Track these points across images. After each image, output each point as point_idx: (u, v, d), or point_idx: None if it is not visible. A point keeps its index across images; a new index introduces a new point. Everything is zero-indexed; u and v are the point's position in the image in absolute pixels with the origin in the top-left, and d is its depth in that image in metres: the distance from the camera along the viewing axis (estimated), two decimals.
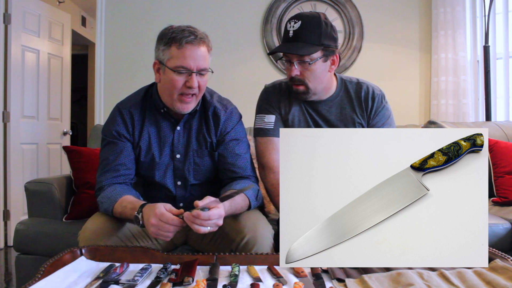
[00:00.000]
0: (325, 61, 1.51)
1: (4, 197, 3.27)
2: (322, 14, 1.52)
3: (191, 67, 1.32)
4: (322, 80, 1.53)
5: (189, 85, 1.34)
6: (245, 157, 1.49)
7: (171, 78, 1.34)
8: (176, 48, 1.31)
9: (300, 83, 1.52)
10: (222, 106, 1.49)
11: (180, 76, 1.33)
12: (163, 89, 1.40)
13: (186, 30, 1.32)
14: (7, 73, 3.26)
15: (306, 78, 1.51)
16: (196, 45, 1.32)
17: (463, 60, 3.06)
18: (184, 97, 1.36)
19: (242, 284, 0.96)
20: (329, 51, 1.49)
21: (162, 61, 1.35)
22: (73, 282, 0.97)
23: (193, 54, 1.31)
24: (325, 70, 1.52)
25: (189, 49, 1.31)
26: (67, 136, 4.00)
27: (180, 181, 1.48)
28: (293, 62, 1.49)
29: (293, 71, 1.49)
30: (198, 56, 1.33)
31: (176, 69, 1.32)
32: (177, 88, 1.34)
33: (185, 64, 1.31)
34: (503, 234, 1.79)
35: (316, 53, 1.47)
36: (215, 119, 1.47)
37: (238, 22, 3.27)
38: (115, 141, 1.44)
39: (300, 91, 1.54)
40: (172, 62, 1.32)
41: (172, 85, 1.34)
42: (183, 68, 1.32)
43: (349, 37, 3.22)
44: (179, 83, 1.34)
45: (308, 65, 1.47)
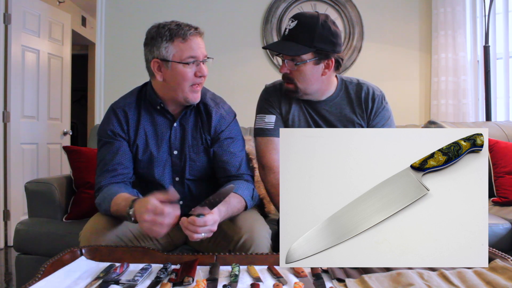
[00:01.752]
0: (317, 64, 1.49)
1: (4, 197, 3.27)
2: (323, 15, 1.49)
3: (198, 57, 1.38)
4: (313, 82, 1.52)
5: (200, 74, 1.39)
6: (240, 155, 1.50)
7: (181, 71, 1.37)
8: (181, 42, 1.36)
9: (289, 81, 1.53)
10: (214, 103, 1.50)
11: (189, 68, 1.37)
12: (171, 84, 1.40)
13: (181, 24, 1.38)
14: (7, 73, 3.27)
15: (295, 78, 1.51)
16: (197, 36, 1.39)
17: (463, 60, 3.06)
18: (195, 86, 1.41)
19: (242, 284, 0.96)
20: (323, 55, 1.48)
21: (166, 58, 1.36)
22: (73, 282, 0.97)
23: (198, 44, 1.38)
24: (316, 72, 1.50)
25: (194, 41, 1.37)
26: (67, 136, 4.00)
27: (178, 177, 1.49)
28: (284, 60, 1.50)
29: (282, 68, 1.52)
30: (201, 45, 1.39)
31: (186, 61, 1.36)
32: (189, 79, 1.38)
33: (193, 54, 1.37)
34: (503, 234, 1.79)
35: (307, 55, 1.46)
36: (207, 116, 1.48)
37: (238, 22, 3.28)
38: (111, 141, 1.44)
39: (289, 89, 1.55)
40: (180, 55, 1.36)
41: (183, 77, 1.37)
42: (192, 58, 1.36)
43: (349, 37, 3.22)
44: (190, 74, 1.38)
45: (295, 65, 1.47)
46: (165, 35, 1.35)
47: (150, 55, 1.39)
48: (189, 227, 1.13)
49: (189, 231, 1.14)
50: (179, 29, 1.35)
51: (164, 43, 1.35)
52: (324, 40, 1.46)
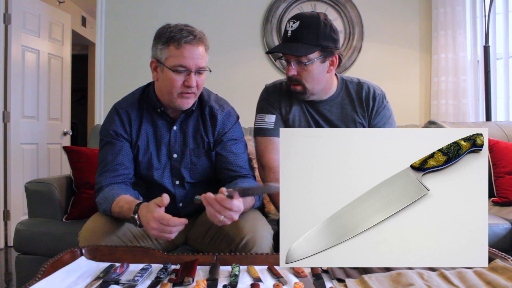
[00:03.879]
0: (323, 62, 1.50)
1: (4, 197, 3.28)
2: (322, 14, 1.51)
3: (189, 67, 1.33)
4: (320, 80, 1.53)
5: (187, 84, 1.34)
6: (244, 156, 1.49)
7: (170, 77, 1.34)
8: (175, 47, 1.32)
9: (297, 83, 1.53)
10: (219, 106, 1.49)
11: (178, 76, 1.34)
12: (162, 87, 1.39)
13: (184, 29, 1.32)
14: (7, 73, 3.27)
15: (303, 78, 1.51)
16: (194, 45, 1.33)
17: (463, 60, 3.06)
18: (184, 94, 1.37)
19: (242, 284, 0.96)
20: (328, 52, 1.49)
21: (160, 60, 1.35)
22: (73, 282, 0.97)
23: (191, 54, 1.32)
24: (323, 71, 1.51)
25: (188, 49, 1.31)
26: (67, 136, 4.00)
27: (178, 180, 1.48)
28: (290, 62, 1.49)
29: (290, 71, 1.50)
30: (197, 55, 1.33)
31: (174, 69, 1.33)
32: (176, 87, 1.35)
33: (184, 63, 1.32)
34: (503, 234, 1.79)
35: (313, 54, 1.47)
36: (212, 119, 1.47)
37: (238, 22, 3.27)
38: (113, 141, 1.44)
39: (297, 90, 1.54)
40: (171, 61, 1.33)
41: (171, 84, 1.35)
42: (181, 67, 1.32)
43: (349, 37, 3.22)
44: (178, 82, 1.34)
45: (304, 65, 1.47)
46: (164, 37, 1.33)
47: (152, 53, 1.39)
48: (215, 205, 1.09)
49: (212, 208, 1.10)
50: (178, 34, 1.31)
51: (160, 44, 1.34)
52: (327, 37, 1.47)
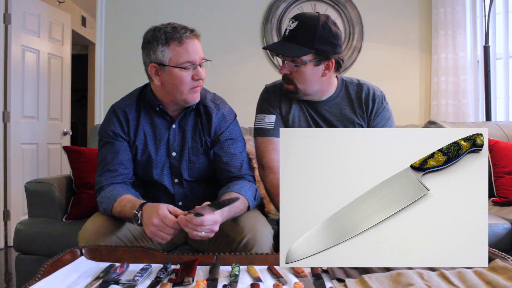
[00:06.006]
0: (317, 65, 1.48)
1: (4, 197, 3.27)
2: (324, 16, 1.49)
3: (195, 61, 1.36)
4: (313, 83, 1.52)
5: (197, 77, 1.38)
6: (241, 156, 1.49)
7: (178, 75, 1.36)
8: (177, 46, 1.33)
9: (289, 82, 1.53)
10: (214, 105, 1.50)
11: (186, 72, 1.36)
12: (170, 88, 1.39)
13: (177, 27, 1.35)
14: (7, 73, 3.27)
15: (295, 79, 1.51)
16: (194, 39, 1.37)
17: (463, 60, 3.06)
18: (194, 88, 1.40)
19: (242, 284, 0.96)
20: (323, 56, 1.47)
21: (162, 62, 1.35)
22: (73, 282, 0.97)
23: (194, 47, 1.36)
24: (316, 74, 1.50)
25: (190, 44, 1.35)
26: (67, 136, 4.00)
27: (177, 178, 1.49)
28: (284, 60, 1.50)
29: (282, 69, 1.52)
30: (198, 48, 1.37)
31: (183, 66, 1.34)
32: (187, 83, 1.37)
33: (190, 59, 1.35)
34: (503, 234, 1.79)
35: (307, 56, 1.46)
36: (207, 118, 1.48)
37: (238, 22, 3.27)
38: (112, 141, 1.44)
39: (289, 89, 1.55)
40: (176, 59, 1.34)
41: (181, 81, 1.36)
42: (189, 63, 1.35)
43: (349, 37, 3.22)
44: (187, 78, 1.36)
45: (295, 66, 1.47)
46: (161, 39, 1.33)
47: (148, 59, 1.39)
48: (188, 225, 1.14)
49: (188, 228, 1.15)
50: (175, 32, 1.33)
51: (160, 46, 1.34)
52: (324, 41, 1.46)
